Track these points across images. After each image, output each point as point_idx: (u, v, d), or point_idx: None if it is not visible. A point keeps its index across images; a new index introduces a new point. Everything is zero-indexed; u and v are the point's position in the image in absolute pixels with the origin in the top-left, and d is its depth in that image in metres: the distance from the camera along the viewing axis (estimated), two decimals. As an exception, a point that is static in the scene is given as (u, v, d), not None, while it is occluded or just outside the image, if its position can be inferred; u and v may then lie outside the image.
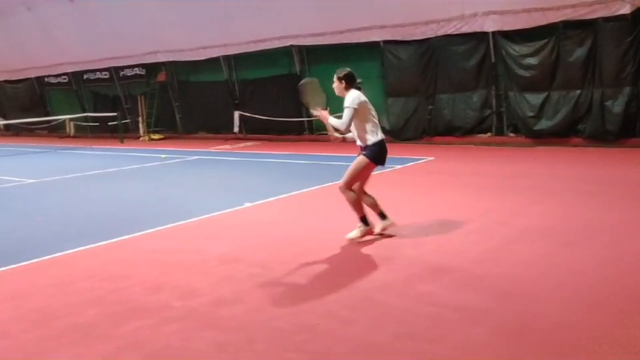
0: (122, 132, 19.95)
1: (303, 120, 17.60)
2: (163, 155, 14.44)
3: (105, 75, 22.05)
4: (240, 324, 3.85)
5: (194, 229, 6.66)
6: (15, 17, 22.03)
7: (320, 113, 5.50)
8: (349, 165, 5.61)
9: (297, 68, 17.50)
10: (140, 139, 20.28)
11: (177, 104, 20.41)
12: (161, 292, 4.50)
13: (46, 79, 24.23)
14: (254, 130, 18.54)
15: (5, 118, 24.59)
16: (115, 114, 20.20)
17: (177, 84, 20.38)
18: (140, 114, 20.81)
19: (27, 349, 3.66)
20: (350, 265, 5.09)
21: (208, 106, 19.39)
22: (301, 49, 17.13)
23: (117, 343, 3.64)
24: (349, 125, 5.38)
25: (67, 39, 21.50)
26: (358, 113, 5.39)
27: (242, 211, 7.51)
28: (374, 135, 5.50)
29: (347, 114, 5.35)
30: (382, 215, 5.80)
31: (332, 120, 5.44)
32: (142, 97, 20.76)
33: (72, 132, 22.96)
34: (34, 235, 6.78)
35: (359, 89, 5.53)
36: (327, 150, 13.74)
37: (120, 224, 6.99)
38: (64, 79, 23.49)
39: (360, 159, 5.53)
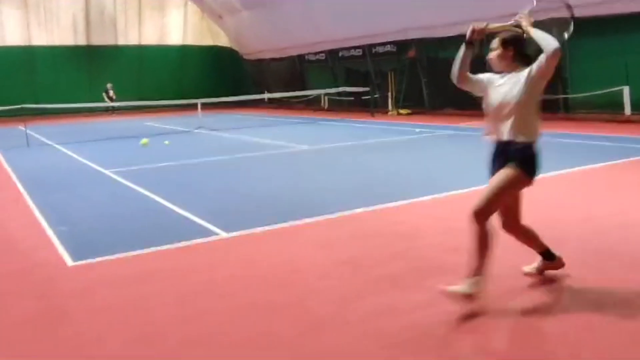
0: (373, 106, 21.07)
1: (558, 98, 16.69)
2: (417, 130, 14.99)
3: (359, 52, 23.42)
4: (550, 308, 3.89)
5: (464, 201, 6.87)
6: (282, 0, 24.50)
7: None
8: (611, 146, 4.81)
9: (556, 42, 16.59)
10: (389, 113, 21.20)
11: (425, 80, 20.83)
12: (457, 254, 4.78)
13: (306, 57, 26.64)
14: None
15: (269, 92, 27.68)
16: (367, 89, 21.40)
17: (426, 60, 20.76)
18: (389, 89, 21.74)
19: (346, 290, 4.15)
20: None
21: (456, 82, 19.45)
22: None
23: (430, 294, 3.95)
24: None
25: (326, 19, 23.26)
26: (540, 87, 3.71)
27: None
28: (538, 132, 3.77)
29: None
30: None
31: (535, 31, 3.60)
32: (392, 73, 21.63)
33: (326, 105, 24.97)
34: (320, 194, 7.67)
35: (528, 64, 3.71)
36: (586, 129, 12.92)
37: (392, 190, 7.55)
38: (322, 56, 25.56)
39: (509, 170, 3.74)
